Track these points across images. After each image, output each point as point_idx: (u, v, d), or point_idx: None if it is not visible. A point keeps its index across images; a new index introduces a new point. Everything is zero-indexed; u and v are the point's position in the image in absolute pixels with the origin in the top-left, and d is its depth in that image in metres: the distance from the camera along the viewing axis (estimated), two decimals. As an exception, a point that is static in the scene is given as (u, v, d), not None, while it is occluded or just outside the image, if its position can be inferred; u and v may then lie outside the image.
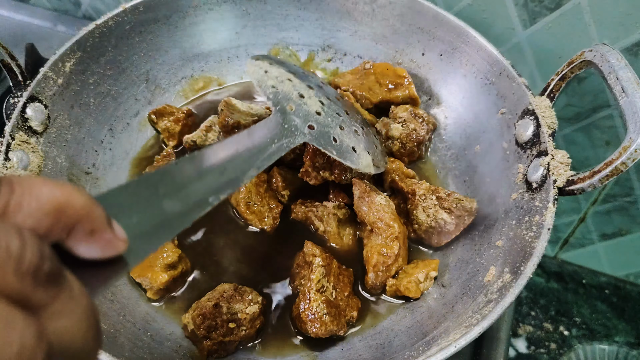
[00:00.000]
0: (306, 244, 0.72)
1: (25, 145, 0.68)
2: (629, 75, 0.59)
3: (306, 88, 0.70)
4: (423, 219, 0.74)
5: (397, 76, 0.89)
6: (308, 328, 0.64)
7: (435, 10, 0.83)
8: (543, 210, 0.63)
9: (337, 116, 0.69)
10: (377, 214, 0.71)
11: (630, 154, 0.56)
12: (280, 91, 0.66)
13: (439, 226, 0.73)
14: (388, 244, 0.70)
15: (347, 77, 0.92)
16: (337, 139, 0.66)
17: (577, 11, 0.79)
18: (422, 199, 0.74)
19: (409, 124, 0.83)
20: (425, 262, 0.74)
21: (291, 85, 0.68)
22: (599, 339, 1.08)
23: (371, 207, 0.72)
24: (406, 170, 0.80)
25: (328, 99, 0.71)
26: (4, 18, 1.18)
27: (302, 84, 0.70)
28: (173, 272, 0.71)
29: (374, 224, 0.71)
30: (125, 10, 0.82)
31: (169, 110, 0.87)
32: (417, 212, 0.74)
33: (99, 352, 0.44)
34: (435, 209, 0.73)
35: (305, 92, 0.69)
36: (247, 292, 0.68)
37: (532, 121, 0.70)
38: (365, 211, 0.72)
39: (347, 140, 0.67)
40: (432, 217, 0.73)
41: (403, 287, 0.70)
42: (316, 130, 0.64)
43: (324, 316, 0.64)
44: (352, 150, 0.67)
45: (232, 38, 0.95)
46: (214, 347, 0.64)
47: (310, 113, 0.66)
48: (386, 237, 0.70)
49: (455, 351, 0.54)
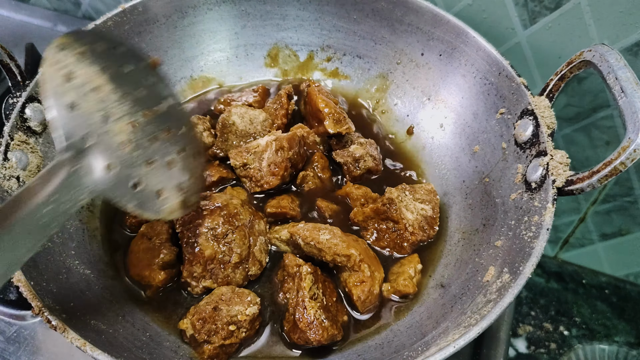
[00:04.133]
0: (286, 257, 0.71)
1: (24, 146, 0.68)
2: (628, 75, 0.59)
3: (118, 100, 0.54)
4: (411, 217, 0.75)
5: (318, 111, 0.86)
6: (309, 336, 0.63)
7: (435, 11, 0.83)
8: (542, 211, 0.63)
9: (149, 144, 0.55)
10: (330, 252, 0.69)
11: (629, 153, 0.56)
12: (79, 114, 0.50)
13: (424, 217, 0.76)
14: (356, 270, 0.69)
15: None
16: (139, 183, 0.54)
17: (577, 11, 0.79)
18: (399, 199, 0.76)
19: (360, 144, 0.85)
20: (407, 258, 0.75)
21: (97, 100, 0.52)
22: (599, 339, 1.08)
23: (321, 247, 0.69)
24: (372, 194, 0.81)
25: (144, 114, 0.56)
26: (4, 18, 1.18)
27: (117, 91, 0.54)
28: (171, 270, 0.71)
29: (334, 260, 0.69)
30: (124, 10, 0.82)
31: None
32: (404, 214, 0.75)
33: None
34: (414, 204, 0.76)
35: (115, 108, 0.53)
36: (245, 294, 0.67)
37: (531, 121, 0.70)
38: (318, 253, 0.70)
39: (153, 181, 0.55)
40: (416, 212, 0.76)
41: (401, 286, 0.71)
42: (113, 174, 0.51)
43: (323, 321, 0.64)
44: (155, 196, 0.55)
45: (231, 38, 0.95)
46: (215, 351, 0.64)
47: (112, 146, 0.52)
48: (352, 266, 0.69)
49: (454, 351, 0.54)
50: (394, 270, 0.74)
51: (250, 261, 0.71)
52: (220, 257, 0.68)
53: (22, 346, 0.74)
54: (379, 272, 0.71)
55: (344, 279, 0.71)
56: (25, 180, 0.67)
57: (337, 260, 0.69)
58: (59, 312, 0.57)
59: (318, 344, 0.63)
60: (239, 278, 0.70)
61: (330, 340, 0.64)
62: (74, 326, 0.56)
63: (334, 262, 0.69)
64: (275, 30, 0.95)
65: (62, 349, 0.74)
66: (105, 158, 0.50)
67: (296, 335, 0.65)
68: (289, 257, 0.71)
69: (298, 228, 0.71)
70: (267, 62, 0.98)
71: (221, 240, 0.68)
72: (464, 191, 0.81)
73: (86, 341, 0.54)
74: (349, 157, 0.84)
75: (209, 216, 0.69)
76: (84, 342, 0.54)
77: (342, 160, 0.84)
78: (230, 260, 0.68)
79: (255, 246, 0.71)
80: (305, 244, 0.70)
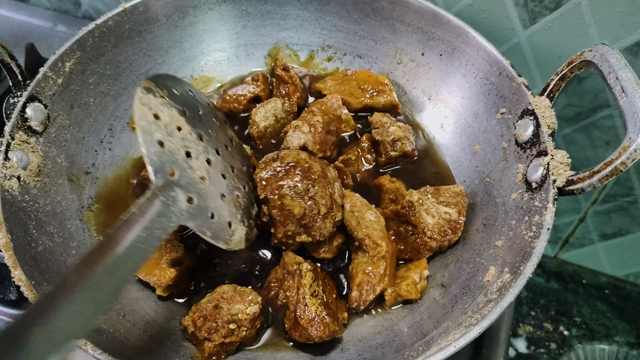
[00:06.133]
0: (286, 255, 0.71)
1: (25, 145, 0.69)
2: (629, 75, 0.59)
3: (196, 140, 0.59)
4: (431, 221, 0.73)
5: (378, 83, 0.90)
6: (310, 332, 0.63)
7: (435, 10, 0.83)
8: (543, 210, 0.63)
9: (221, 180, 0.60)
10: (365, 231, 0.70)
11: (629, 153, 0.56)
12: (167, 150, 0.55)
13: (447, 221, 0.74)
14: (375, 262, 0.69)
15: (328, 82, 0.94)
16: (215, 214, 0.57)
17: (577, 11, 0.79)
18: (420, 202, 0.74)
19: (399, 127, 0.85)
20: (414, 263, 0.74)
21: (180, 138, 0.57)
22: (599, 339, 1.08)
23: (360, 222, 0.71)
24: (403, 192, 0.80)
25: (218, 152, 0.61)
26: (4, 18, 1.18)
27: (194, 132, 0.59)
28: (179, 267, 0.71)
29: (362, 240, 0.70)
30: (125, 10, 0.82)
31: None
32: (422, 218, 0.73)
33: None
34: (436, 208, 0.74)
35: (194, 146, 0.58)
36: (247, 293, 0.68)
37: (531, 121, 0.70)
38: (354, 226, 0.71)
39: (225, 213, 0.59)
40: (437, 215, 0.74)
41: (403, 292, 0.70)
42: (195, 206, 0.55)
43: (324, 317, 0.64)
44: (227, 227, 0.59)
45: (232, 38, 0.95)
46: (215, 349, 0.64)
47: (193, 181, 0.56)
48: (373, 255, 0.69)
49: (454, 351, 0.54)
50: (399, 274, 0.73)
51: (335, 208, 0.71)
52: (309, 212, 0.69)
53: (22, 346, 0.74)
54: (390, 281, 0.71)
55: (358, 262, 0.71)
56: (25, 180, 0.67)
57: (365, 242, 0.70)
58: (60, 311, 0.57)
59: (319, 340, 0.63)
60: (330, 226, 0.71)
61: (331, 336, 0.64)
62: (75, 326, 0.56)
63: (362, 242, 0.70)
64: (275, 30, 0.95)
65: (63, 349, 0.74)
66: (188, 191, 0.55)
67: (297, 332, 0.65)
68: (289, 255, 0.71)
69: (354, 195, 0.74)
70: (267, 61, 0.98)
71: (304, 196, 0.69)
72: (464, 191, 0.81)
73: (87, 341, 0.54)
74: (388, 136, 0.83)
75: (285, 176, 0.69)
76: (85, 341, 0.54)
77: (381, 139, 0.84)
78: (320, 211, 0.69)
79: (335, 193, 0.72)
80: (350, 211, 0.71)
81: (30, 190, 0.68)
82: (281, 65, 0.92)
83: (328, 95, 0.88)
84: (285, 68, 0.92)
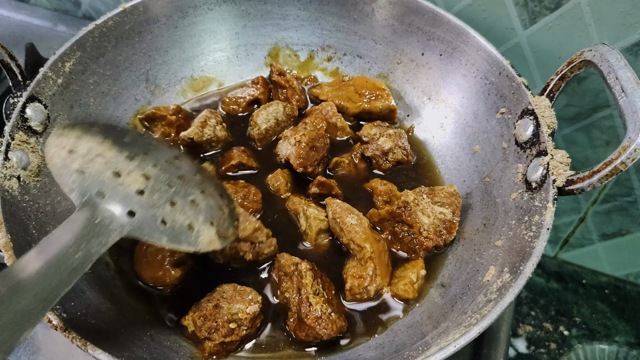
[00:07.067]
0: (281, 257, 0.71)
1: (25, 145, 0.69)
2: (629, 75, 0.59)
3: (125, 160, 0.59)
4: (427, 221, 0.73)
5: (376, 88, 0.91)
6: (319, 331, 0.63)
7: (435, 10, 0.83)
8: (542, 210, 0.63)
9: (167, 189, 0.60)
10: (348, 235, 0.71)
11: (629, 153, 0.56)
12: (89, 175, 0.56)
13: (443, 221, 0.74)
14: (362, 265, 0.70)
15: (324, 88, 0.94)
16: (166, 220, 0.57)
17: (577, 11, 0.79)
18: (416, 203, 0.74)
19: (389, 136, 0.85)
20: (411, 263, 0.74)
21: (103, 163, 0.58)
22: (599, 339, 1.08)
23: (343, 228, 0.72)
24: (397, 193, 0.81)
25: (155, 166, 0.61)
26: (4, 18, 1.18)
27: (120, 155, 0.59)
28: (184, 267, 0.71)
29: (348, 245, 0.71)
30: (125, 10, 0.82)
31: (158, 115, 0.87)
32: (418, 218, 0.73)
33: None
34: (431, 208, 0.74)
35: (123, 166, 0.58)
36: (247, 292, 0.68)
37: (531, 121, 0.70)
38: (339, 232, 0.72)
39: (180, 217, 0.59)
40: (432, 215, 0.74)
41: (401, 291, 0.70)
42: (138, 217, 0.56)
43: (330, 315, 0.64)
44: (188, 229, 0.59)
45: (232, 38, 0.95)
46: (215, 348, 0.64)
47: (129, 195, 0.56)
48: (360, 258, 0.70)
49: (454, 351, 0.54)
50: (396, 273, 0.74)
51: None
52: None
53: (22, 346, 0.74)
54: (383, 279, 0.71)
55: (347, 267, 0.71)
56: (25, 180, 0.67)
57: (350, 247, 0.70)
58: (60, 311, 0.57)
59: (328, 337, 0.63)
60: None
61: (339, 332, 0.65)
62: (75, 325, 0.56)
63: (348, 247, 0.71)
64: (275, 30, 0.95)
65: (62, 349, 0.74)
66: (125, 205, 0.56)
67: (304, 332, 0.65)
68: (284, 257, 0.71)
69: (334, 202, 0.75)
70: (267, 62, 0.98)
71: None
72: (464, 191, 0.81)
73: (87, 340, 0.54)
74: (378, 150, 0.84)
75: None
76: (85, 341, 0.54)
77: (371, 154, 0.84)
78: None
79: None
80: (333, 218, 0.73)
81: (30, 190, 0.68)
82: (277, 70, 0.92)
83: (323, 103, 0.89)
84: (281, 73, 0.92)
